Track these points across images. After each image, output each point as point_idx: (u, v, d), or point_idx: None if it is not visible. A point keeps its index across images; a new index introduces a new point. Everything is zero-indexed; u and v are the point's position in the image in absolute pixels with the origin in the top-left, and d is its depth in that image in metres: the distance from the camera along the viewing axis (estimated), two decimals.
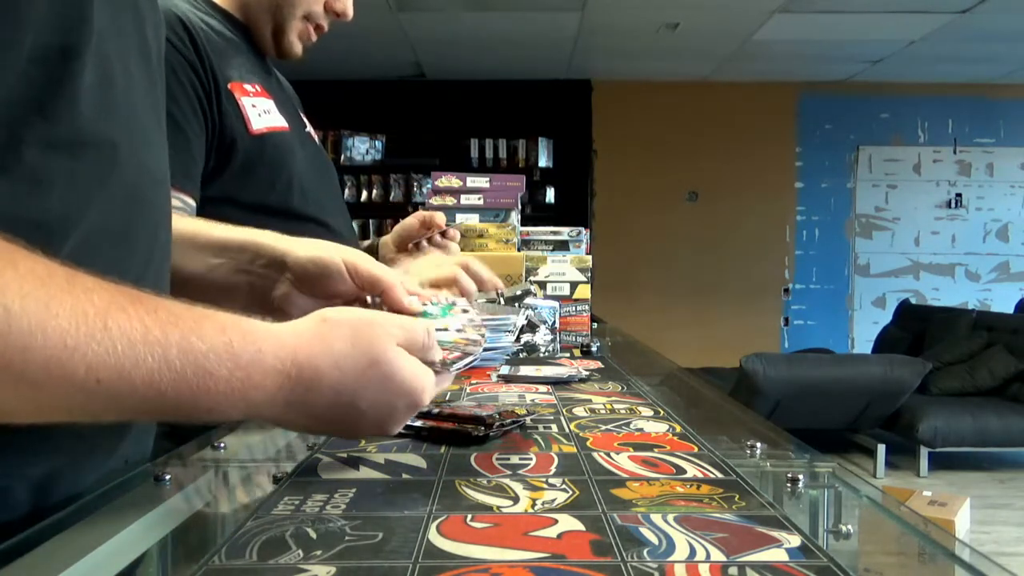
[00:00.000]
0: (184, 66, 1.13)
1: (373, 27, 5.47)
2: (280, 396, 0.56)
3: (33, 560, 0.48)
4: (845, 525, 0.57)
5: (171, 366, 0.48)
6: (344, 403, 0.60)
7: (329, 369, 0.58)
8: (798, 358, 5.43)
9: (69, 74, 0.56)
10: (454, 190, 1.83)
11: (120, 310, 0.47)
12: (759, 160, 7.13)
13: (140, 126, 0.66)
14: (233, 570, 0.47)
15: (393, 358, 0.61)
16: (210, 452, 0.76)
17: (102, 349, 0.45)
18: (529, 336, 1.54)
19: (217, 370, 0.51)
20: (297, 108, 1.40)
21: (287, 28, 1.28)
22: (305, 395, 0.57)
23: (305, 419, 0.60)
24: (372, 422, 0.62)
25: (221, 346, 0.52)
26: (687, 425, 0.86)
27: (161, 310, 0.49)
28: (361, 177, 6.92)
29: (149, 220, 0.68)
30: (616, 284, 6.71)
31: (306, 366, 0.57)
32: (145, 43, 0.68)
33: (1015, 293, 6.94)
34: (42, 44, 0.54)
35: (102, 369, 0.45)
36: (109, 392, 0.46)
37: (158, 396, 0.48)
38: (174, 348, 0.49)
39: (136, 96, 0.65)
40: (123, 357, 0.46)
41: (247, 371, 0.53)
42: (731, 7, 5.13)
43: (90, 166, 0.59)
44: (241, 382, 0.53)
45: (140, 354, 0.47)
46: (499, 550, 0.49)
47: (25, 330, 0.42)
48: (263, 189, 1.21)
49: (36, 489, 0.60)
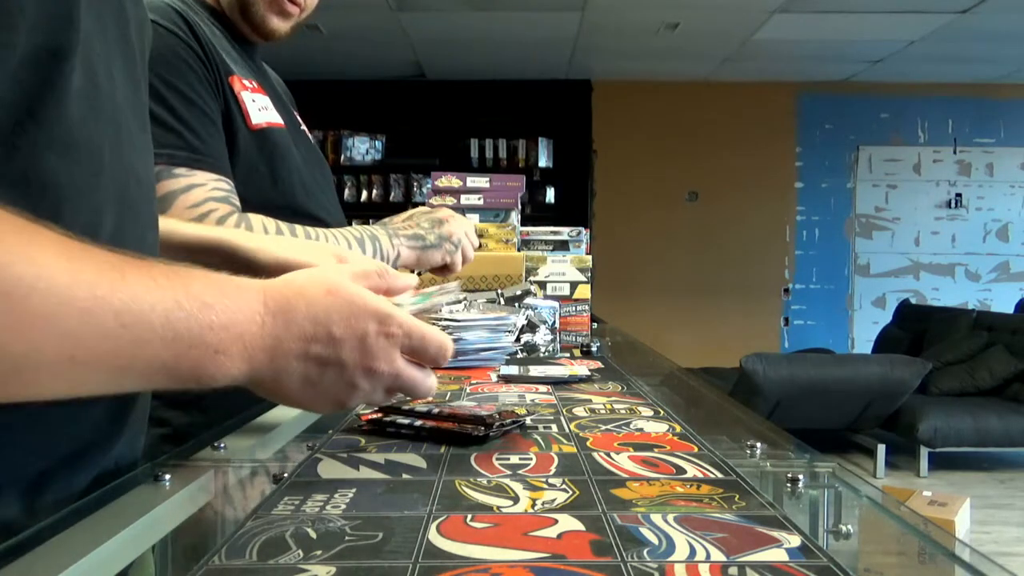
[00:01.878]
0: (192, 55, 1.13)
1: (373, 27, 5.47)
2: (266, 328, 0.59)
3: (33, 560, 0.48)
4: (845, 525, 0.57)
5: (180, 305, 0.53)
6: (322, 335, 0.61)
7: (295, 296, 0.61)
8: (798, 358, 5.43)
9: (59, 76, 0.56)
10: (454, 190, 1.83)
11: (131, 266, 0.52)
12: (759, 160, 7.12)
13: (124, 127, 0.66)
14: (233, 570, 0.47)
15: (348, 283, 0.65)
16: (210, 452, 0.76)
17: (127, 296, 0.50)
18: (529, 336, 1.54)
19: (214, 302, 0.55)
20: (291, 106, 1.40)
21: (251, 1, 1.23)
22: (286, 325, 0.60)
23: (294, 361, 0.61)
24: (354, 357, 0.63)
25: (211, 283, 0.57)
26: (687, 425, 0.86)
27: (159, 266, 0.55)
28: (361, 177, 6.92)
29: (136, 222, 0.68)
30: (616, 284, 6.71)
31: (274, 294, 0.61)
32: (129, 44, 0.68)
33: (1015, 293, 6.94)
34: (33, 46, 0.54)
35: (126, 314, 0.50)
36: (134, 336, 0.50)
37: (174, 337, 0.52)
38: (180, 291, 0.53)
39: (120, 98, 0.65)
40: (143, 302, 0.51)
41: (234, 300, 0.57)
42: (731, 7, 5.13)
43: (79, 169, 0.59)
44: (231, 313, 0.57)
45: (156, 298, 0.52)
46: (499, 550, 0.49)
47: (63, 284, 0.47)
48: (265, 186, 1.21)
49: (28, 490, 0.60)
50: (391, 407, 0.84)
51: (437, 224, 1.33)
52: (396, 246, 1.26)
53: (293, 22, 1.27)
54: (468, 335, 1.30)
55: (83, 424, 0.64)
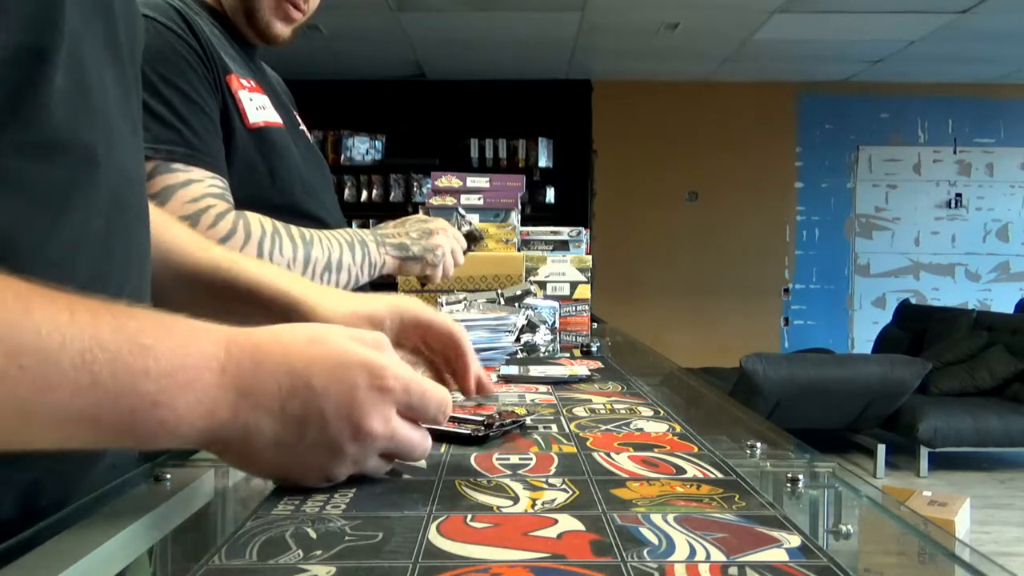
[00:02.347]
0: (191, 53, 1.13)
1: (373, 27, 5.47)
2: (227, 378, 0.50)
3: (32, 560, 0.48)
4: (845, 525, 0.57)
5: (101, 344, 0.44)
6: (300, 388, 0.52)
7: (269, 343, 0.53)
8: (798, 358, 5.43)
9: (42, 76, 0.55)
10: (454, 190, 1.83)
11: (43, 298, 0.44)
12: (759, 160, 7.13)
13: (114, 127, 0.65)
14: (233, 570, 0.47)
15: (332, 331, 0.56)
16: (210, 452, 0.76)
17: (29, 332, 0.42)
18: (529, 336, 1.54)
19: (154, 343, 0.46)
20: (291, 106, 1.40)
21: (257, 6, 1.24)
22: (253, 374, 0.51)
23: (265, 418, 0.52)
24: (340, 414, 0.53)
25: (155, 323, 0.49)
26: (687, 425, 0.86)
27: (86, 301, 0.46)
28: (361, 177, 6.93)
29: (128, 222, 0.67)
30: (616, 284, 6.71)
31: (240, 339, 0.52)
32: (118, 44, 0.67)
33: (1015, 293, 6.95)
34: (13, 45, 0.53)
35: (24, 354, 0.41)
36: (35, 380, 0.42)
37: (92, 382, 0.44)
38: (106, 328, 0.45)
39: (109, 98, 0.64)
40: (48, 338, 0.42)
41: (182, 342, 0.49)
42: (731, 7, 5.14)
43: (67, 171, 0.58)
44: (177, 357, 0.48)
45: (70, 335, 0.43)
46: (499, 550, 0.49)
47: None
48: (264, 185, 1.21)
49: (22, 495, 0.60)
50: None
51: (425, 235, 1.34)
52: (382, 254, 1.28)
53: (295, 26, 1.28)
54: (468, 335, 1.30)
55: None
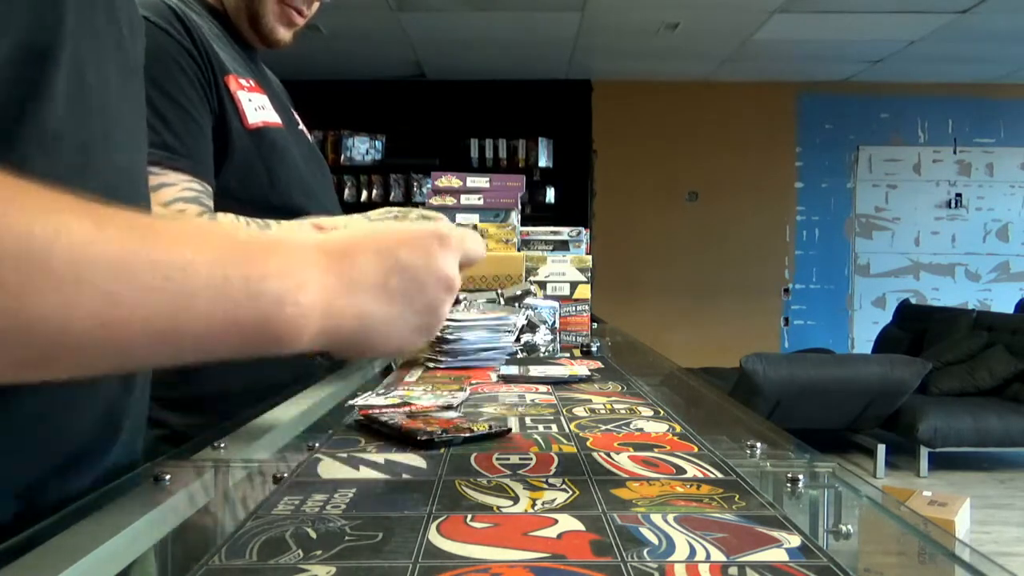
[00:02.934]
0: (184, 55, 1.12)
1: (373, 27, 5.47)
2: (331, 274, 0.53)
3: (33, 560, 0.48)
4: (845, 525, 0.57)
5: (226, 255, 0.47)
6: (393, 265, 0.57)
7: (346, 239, 0.57)
8: (798, 358, 5.43)
9: (44, 75, 0.55)
10: (454, 190, 1.83)
11: (161, 220, 0.47)
12: (759, 160, 7.13)
13: (115, 126, 0.65)
14: (233, 570, 0.47)
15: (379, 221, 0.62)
16: (210, 452, 0.76)
17: (162, 247, 0.44)
18: (529, 336, 1.54)
19: (262, 250, 0.50)
20: (288, 105, 1.40)
21: (262, 12, 1.25)
22: (351, 267, 0.55)
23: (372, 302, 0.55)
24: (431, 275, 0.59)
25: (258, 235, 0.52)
26: (687, 425, 0.86)
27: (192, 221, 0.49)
28: (361, 177, 6.92)
29: None
30: (616, 284, 6.71)
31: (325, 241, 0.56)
32: (121, 42, 0.67)
33: (1015, 293, 6.94)
34: (18, 45, 0.53)
35: (165, 266, 0.44)
36: (178, 290, 0.44)
37: (225, 288, 0.46)
38: (223, 241, 0.48)
39: (110, 96, 0.64)
40: (182, 251, 0.45)
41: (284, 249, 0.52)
42: (731, 7, 5.13)
43: (66, 166, 0.58)
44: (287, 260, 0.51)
45: (195, 247, 0.46)
46: (499, 550, 0.49)
47: (86, 239, 0.41)
48: (263, 185, 1.20)
49: (24, 495, 0.60)
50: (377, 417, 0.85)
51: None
52: None
53: (296, 30, 1.30)
54: (468, 335, 1.30)
55: (80, 427, 0.64)
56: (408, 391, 1.04)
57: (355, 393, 1.04)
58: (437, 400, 0.98)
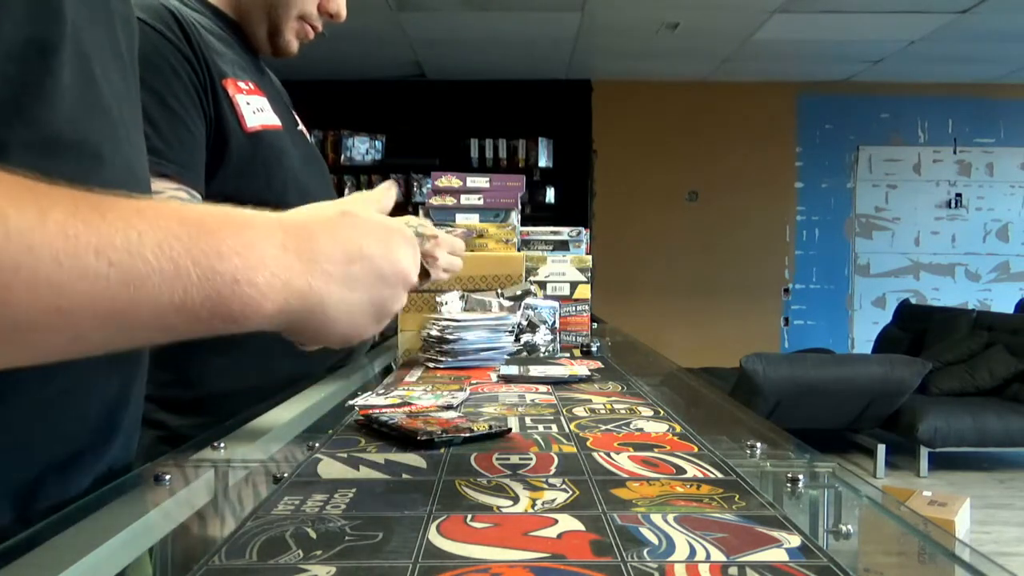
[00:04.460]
0: (180, 59, 1.11)
1: (373, 27, 5.47)
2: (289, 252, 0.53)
3: (33, 560, 0.48)
4: (845, 525, 0.57)
5: (176, 235, 0.46)
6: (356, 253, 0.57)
7: (312, 219, 0.57)
8: (798, 358, 5.43)
9: (47, 71, 0.54)
10: (454, 190, 1.83)
11: (110, 201, 0.45)
12: (759, 160, 7.12)
13: (121, 124, 0.64)
14: (233, 570, 0.47)
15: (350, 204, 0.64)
16: (210, 452, 0.76)
17: (105, 232, 0.43)
18: (529, 336, 1.54)
19: (219, 229, 0.48)
20: (288, 106, 1.40)
21: (283, 28, 1.27)
22: (311, 247, 0.54)
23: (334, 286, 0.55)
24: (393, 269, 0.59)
25: (213, 212, 0.51)
26: (687, 425, 0.86)
27: (148, 200, 0.48)
28: (361, 177, 6.92)
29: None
30: (616, 284, 6.71)
31: (287, 219, 0.55)
32: (116, 40, 0.67)
33: (1015, 293, 6.94)
34: (20, 39, 0.52)
35: (110, 250, 0.43)
36: (124, 275, 0.44)
37: (175, 270, 0.46)
38: (173, 220, 0.47)
39: (114, 94, 0.64)
40: (128, 234, 0.44)
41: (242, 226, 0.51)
42: (731, 7, 5.13)
43: (72, 168, 0.57)
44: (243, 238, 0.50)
45: (143, 228, 0.45)
46: (499, 550, 0.49)
47: (25, 227, 0.41)
48: (259, 188, 1.20)
49: (21, 497, 0.59)
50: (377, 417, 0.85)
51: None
52: None
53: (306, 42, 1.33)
54: (468, 335, 1.30)
55: (77, 428, 0.64)
56: (408, 391, 1.04)
57: (355, 393, 1.04)
58: (437, 400, 0.98)
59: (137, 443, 0.75)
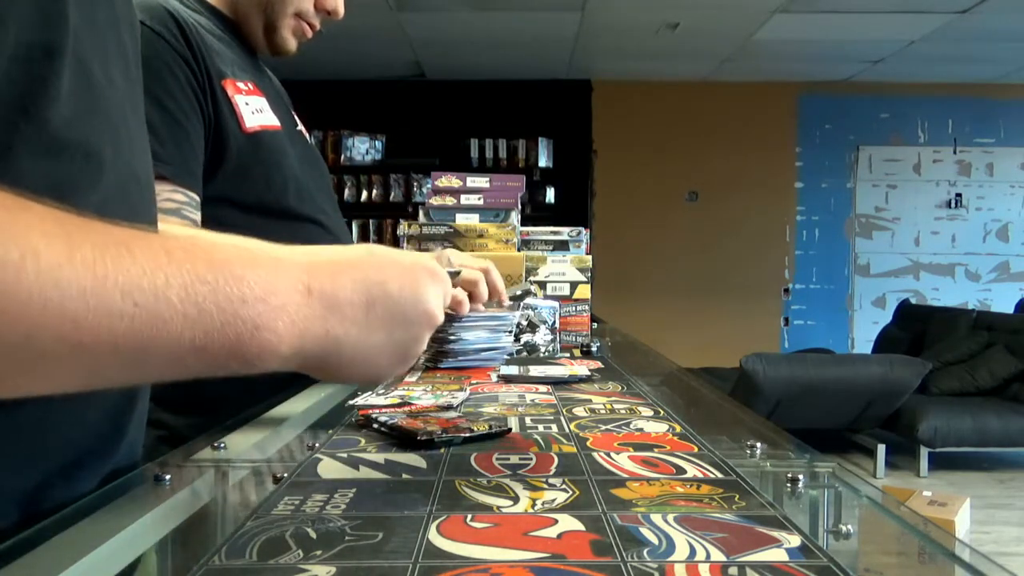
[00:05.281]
0: (178, 60, 1.11)
1: (373, 27, 5.47)
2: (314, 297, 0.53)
3: (33, 560, 0.48)
4: (845, 525, 0.57)
5: (201, 278, 0.47)
6: (379, 295, 0.57)
7: (339, 260, 0.57)
8: (798, 358, 5.43)
9: (51, 73, 0.54)
10: (454, 190, 1.83)
11: (140, 240, 0.46)
12: (759, 160, 7.13)
13: (123, 127, 0.64)
14: (233, 570, 0.47)
15: (372, 245, 0.62)
16: (210, 452, 0.76)
17: (133, 272, 0.44)
18: (529, 336, 1.54)
19: (244, 273, 0.49)
20: (288, 106, 1.40)
21: (279, 25, 1.27)
22: (335, 291, 0.55)
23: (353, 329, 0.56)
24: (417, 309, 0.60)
25: (242, 254, 0.51)
26: (687, 425, 0.86)
27: (176, 239, 0.49)
28: (361, 177, 6.92)
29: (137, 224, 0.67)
30: (616, 284, 6.71)
31: (316, 260, 0.56)
32: (122, 42, 0.67)
33: (1015, 293, 6.94)
34: (24, 43, 0.52)
35: (136, 292, 0.44)
36: (149, 316, 0.44)
37: (199, 314, 0.47)
38: (201, 263, 0.47)
39: (116, 96, 0.63)
40: (155, 276, 0.45)
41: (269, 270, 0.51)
42: (731, 7, 5.13)
43: (75, 170, 0.57)
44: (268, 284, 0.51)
45: (171, 271, 0.46)
46: (499, 550, 0.49)
47: (54, 264, 0.41)
48: (259, 189, 1.20)
49: (25, 500, 0.59)
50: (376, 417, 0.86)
51: None
52: None
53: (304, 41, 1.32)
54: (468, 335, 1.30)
55: (83, 431, 0.64)
56: (408, 391, 1.04)
57: (355, 393, 1.04)
58: (437, 400, 0.98)
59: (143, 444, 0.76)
